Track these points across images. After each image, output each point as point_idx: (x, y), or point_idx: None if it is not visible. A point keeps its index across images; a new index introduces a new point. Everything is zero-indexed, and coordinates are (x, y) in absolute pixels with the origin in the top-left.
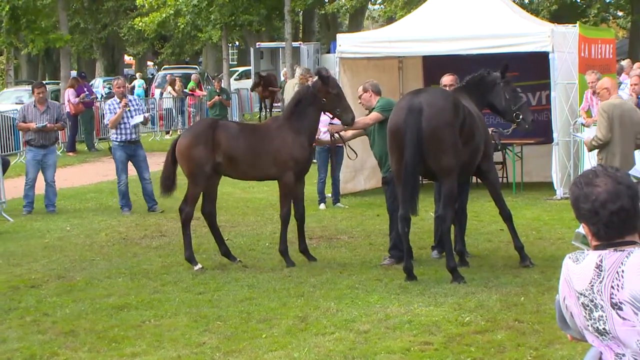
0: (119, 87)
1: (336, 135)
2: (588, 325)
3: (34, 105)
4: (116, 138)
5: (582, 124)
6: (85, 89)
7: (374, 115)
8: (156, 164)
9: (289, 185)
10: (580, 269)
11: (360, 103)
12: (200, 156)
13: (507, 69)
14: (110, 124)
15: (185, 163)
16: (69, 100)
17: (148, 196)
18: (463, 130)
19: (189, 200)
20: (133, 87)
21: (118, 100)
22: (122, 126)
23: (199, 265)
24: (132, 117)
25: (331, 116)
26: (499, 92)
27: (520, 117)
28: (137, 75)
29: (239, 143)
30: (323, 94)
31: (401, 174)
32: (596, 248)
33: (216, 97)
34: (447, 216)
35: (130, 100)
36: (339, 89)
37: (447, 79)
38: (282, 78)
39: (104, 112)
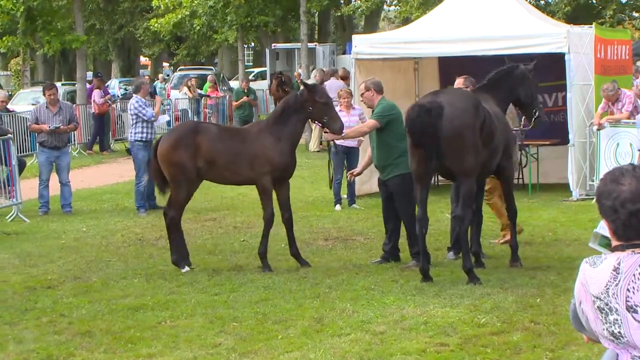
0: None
1: (332, 143)
2: (603, 330)
3: (46, 107)
4: (141, 137)
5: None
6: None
7: (371, 122)
8: None
9: (266, 187)
10: (597, 273)
11: (362, 101)
12: (182, 160)
13: (535, 66)
14: (157, 116)
15: (167, 167)
16: (94, 101)
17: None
18: (483, 131)
19: (173, 204)
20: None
21: (144, 100)
22: (146, 125)
23: (187, 268)
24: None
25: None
26: (528, 86)
27: (537, 114)
28: (160, 77)
29: (218, 147)
30: (310, 103)
31: (420, 174)
32: (615, 249)
33: (244, 97)
34: (465, 217)
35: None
36: (328, 98)
37: (460, 81)
38: (295, 80)
39: (134, 111)
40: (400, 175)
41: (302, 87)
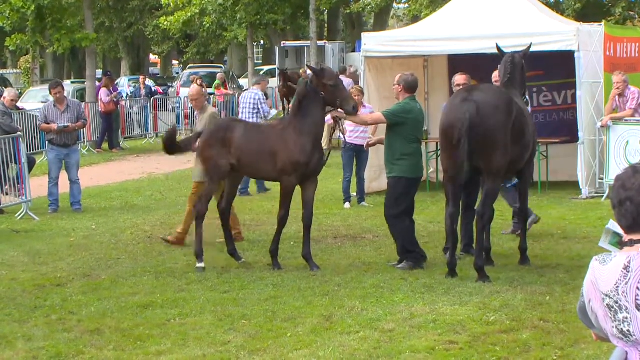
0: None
1: (340, 120)
2: (613, 327)
3: (54, 105)
4: None
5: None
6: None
7: (376, 116)
8: (181, 162)
9: (288, 189)
10: (607, 271)
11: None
12: (215, 155)
13: (529, 49)
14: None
15: (202, 161)
16: (100, 99)
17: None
18: (514, 128)
19: (203, 197)
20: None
21: (263, 94)
22: (260, 118)
23: (202, 264)
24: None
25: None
26: (524, 72)
27: (525, 98)
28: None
29: (246, 143)
30: (321, 88)
31: (451, 171)
32: (625, 245)
33: None
34: (485, 214)
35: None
36: (336, 80)
37: (460, 79)
38: (302, 77)
39: (254, 102)
40: (395, 178)
41: (310, 74)
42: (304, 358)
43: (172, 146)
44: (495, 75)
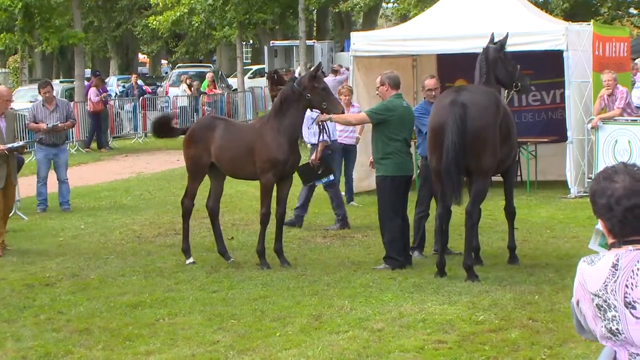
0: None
1: (325, 124)
2: (602, 327)
3: (43, 105)
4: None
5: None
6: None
7: (360, 116)
8: (170, 162)
9: (268, 186)
10: (595, 271)
11: (377, 94)
12: (195, 153)
13: (507, 39)
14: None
15: (185, 159)
16: (89, 99)
17: None
18: (501, 128)
19: (187, 194)
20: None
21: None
22: None
23: (191, 260)
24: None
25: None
26: (502, 65)
27: (520, 85)
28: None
29: (225, 142)
30: (308, 90)
31: (441, 171)
32: (612, 246)
33: None
34: (473, 213)
35: None
36: (325, 84)
37: (430, 83)
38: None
39: None
40: (381, 177)
41: (299, 77)
42: (293, 357)
43: (165, 128)
44: (430, 84)
